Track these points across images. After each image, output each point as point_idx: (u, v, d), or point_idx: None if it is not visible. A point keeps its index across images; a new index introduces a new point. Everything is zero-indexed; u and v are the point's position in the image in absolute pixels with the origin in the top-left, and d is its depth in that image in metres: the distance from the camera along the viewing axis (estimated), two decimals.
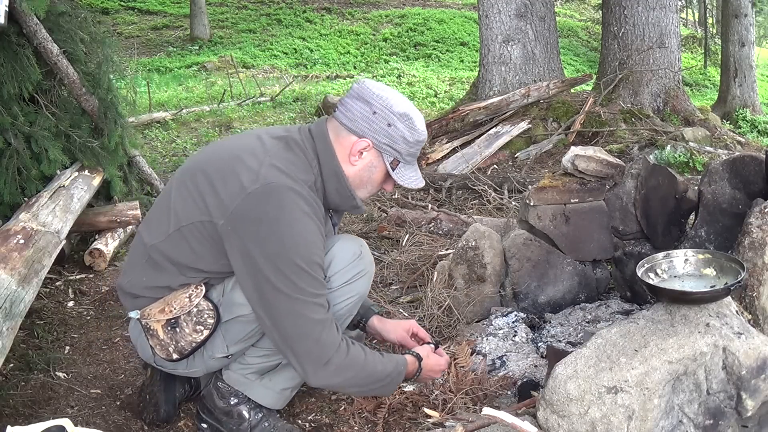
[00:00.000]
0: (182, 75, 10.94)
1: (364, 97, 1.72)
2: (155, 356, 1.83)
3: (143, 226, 1.86)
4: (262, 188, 1.61)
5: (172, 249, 1.74)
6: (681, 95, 6.53)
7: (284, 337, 1.65)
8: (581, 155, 2.53)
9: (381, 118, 1.71)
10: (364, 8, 16.16)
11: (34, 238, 2.47)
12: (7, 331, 1.97)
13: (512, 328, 2.43)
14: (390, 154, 1.76)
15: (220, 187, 1.67)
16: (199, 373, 1.90)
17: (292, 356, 1.66)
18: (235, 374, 1.89)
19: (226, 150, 1.77)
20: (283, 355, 1.71)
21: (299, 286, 1.61)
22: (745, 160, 2.29)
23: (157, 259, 1.76)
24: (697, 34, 16.88)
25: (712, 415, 1.65)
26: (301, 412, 2.09)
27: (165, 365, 1.86)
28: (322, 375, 1.67)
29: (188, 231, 1.71)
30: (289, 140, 1.75)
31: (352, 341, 1.74)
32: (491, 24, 6.42)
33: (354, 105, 1.73)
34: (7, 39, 3.08)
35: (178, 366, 1.85)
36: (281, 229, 1.60)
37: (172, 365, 1.85)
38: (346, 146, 1.74)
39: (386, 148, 1.74)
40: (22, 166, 3.08)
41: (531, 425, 1.57)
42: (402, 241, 3.51)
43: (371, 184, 1.82)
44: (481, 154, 5.54)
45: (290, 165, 1.68)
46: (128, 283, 1.84)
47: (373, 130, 1.72)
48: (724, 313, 1.71)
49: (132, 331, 1.91)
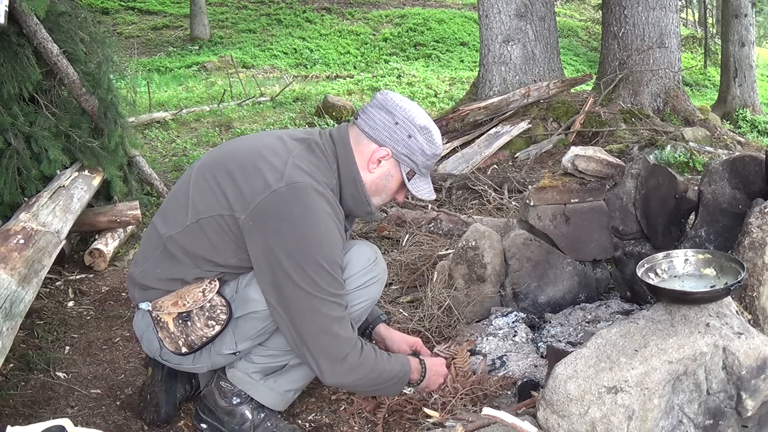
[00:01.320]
0: (182, 75, 10.93)
1: (387, 107, 1.76)
2: (162, 349, 1.83)
3: (158, 217, 1.87)
4: (287, 187, 1.64)
5: (189, 240, 1.75)
6: (681, 95, 6.53)
7: (301, 333, 1.66)
8: (581, 155, 2.53)
9: (402, 129, 1.76)
10: (364, 8, 16.16)
11: (34, 238, 2.47)
12: (7, 331, 1.98)
13: (512, 328, 2.43)
14: (407, 164, 1.80)
15: (242, 183, 1.69)
16: (204, 369, 1.90)
17: (307, 353, 1.68)
18: (239, 373, 1.89)
19: (247, 147, 1.79)
20: (298, 352, 1.71)
21: (320, 285, 1.63)
22: (745, 160, 2.29)
23: (172, 250, 1.77)
24: (697, 34, 16.89)
25: (712, 415, 1.65)
26: (301, 412, 2.09)
27: (171, 359, 1.86)
28: (339, 371, 1.69)
29: (207, 223, 1.72)
30: (311, 143, 1.78)
31: (365, 341, 1.76)
32: (491, 24, 6.42)
33: (377, 114, 1.77)
34: (7, 39, 3.08)
35: (184, 361, 1.85)
36: (305, 229, 1.63)
37: (178, 359, 1.85)
38: (365, 153, 1.78)
39: (404, 159, 1.79)
40: (22, 166, 3.08)
41: (531, 425, 1.57)
42: (402, 241, 3.51)
43: (386, 192, 1.86)
44: (481, 154, 5.54)
45: (313, 167, 1.72)
46: (140, 274, 1.84)
47: (393, 140, 1.77)
48: (724, 313, 1.71)
49: (138, 324, 1.91)
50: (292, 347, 1.73)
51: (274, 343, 1.82)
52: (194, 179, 1.79)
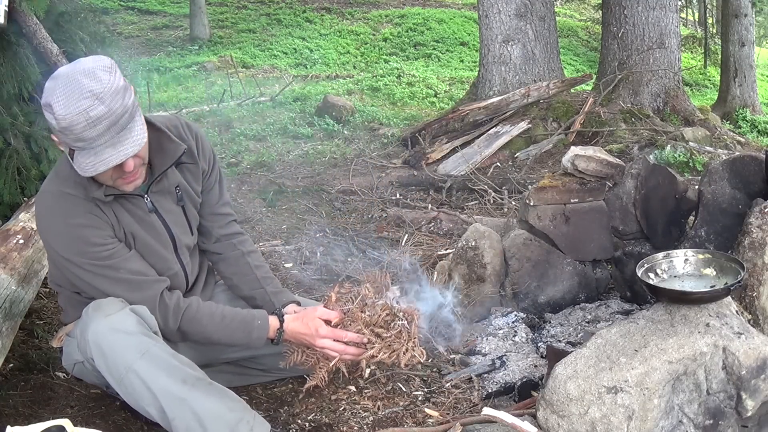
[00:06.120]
0: (182, 75, 10.92)
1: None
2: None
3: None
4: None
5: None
6: (681, 95, 6.54)
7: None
8: (581, 155, 2.53)
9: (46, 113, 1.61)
10: (364, 8, 16.15)
11: (33, 238, 2.47)
12: (7, 331, 1.98)
13: (512, 328, 2.43)
14: (65, 145, 1.64)
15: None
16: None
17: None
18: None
19: None
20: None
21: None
22: (745, 160, 2.29)
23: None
24: (697, 34, 16.87)
25: (712, 415, 1.65)
26: (301, 412, 2.09)
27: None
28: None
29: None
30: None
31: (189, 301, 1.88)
32: (491, 24, 6.42)
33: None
34: (7, 39, 3.08)
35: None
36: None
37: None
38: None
39: (62, 141, 1.63)
40: (21, 166, 3.07)
41: (531, 425, 1.57)
42: (401, 241, 3.51)
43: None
44: (481, 154, 5.54)
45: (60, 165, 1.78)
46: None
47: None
48: (724, 313, 1.71)
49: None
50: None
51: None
52: None
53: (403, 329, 1.82)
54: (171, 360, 1.67)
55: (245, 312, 1.89)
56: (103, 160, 1.59)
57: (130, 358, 1.63)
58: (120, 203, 1.79)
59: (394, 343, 1.81)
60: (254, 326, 1.86)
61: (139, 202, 1.84)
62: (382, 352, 1.81)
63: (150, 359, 1.64)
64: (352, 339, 1.84)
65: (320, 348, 1.86)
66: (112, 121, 1.56)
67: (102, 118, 1.55)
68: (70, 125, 1.54)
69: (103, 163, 1.59)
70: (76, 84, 1.55)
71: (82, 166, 1.60)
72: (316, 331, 1.85)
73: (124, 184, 1.72)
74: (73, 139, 1.57)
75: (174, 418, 1.63)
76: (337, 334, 1.84)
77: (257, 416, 1.72)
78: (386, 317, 1.84)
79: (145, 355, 1.64)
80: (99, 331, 1.65)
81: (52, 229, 1.73)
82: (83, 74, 1.57)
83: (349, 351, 1.84)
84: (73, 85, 1.55)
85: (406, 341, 1.81)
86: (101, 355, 1.65)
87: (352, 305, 1.88)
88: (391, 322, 1.84)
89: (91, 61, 1.61)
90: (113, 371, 1.65)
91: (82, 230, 1.71)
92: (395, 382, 2.22)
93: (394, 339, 1.81)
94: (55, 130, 1.59)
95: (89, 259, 1.73)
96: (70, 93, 1.55)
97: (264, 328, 1.87)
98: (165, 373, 1.64)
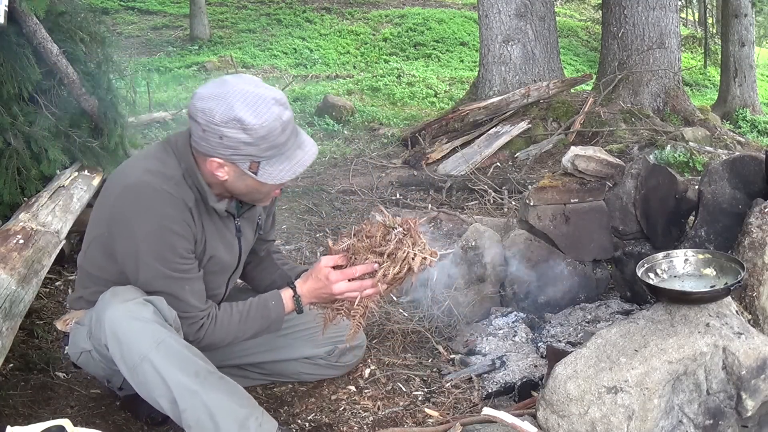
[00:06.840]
0: (182, 75, 10.92)
1: (192, 115, 1.63)
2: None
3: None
4: (123, 189, 1.69)
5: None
6: (681, 95, 6.54)
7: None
8: (581, 155, 2.53)
9: (211, 134, 1.60)
10: (364, 8, 16.15)
11: (33, 238, 2.47)
12: (7, 331, 1.98)
13: (512, 328, 2.43)
14: (242, 160, 1.63)
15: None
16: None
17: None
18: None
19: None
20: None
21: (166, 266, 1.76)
22: (745, 160, 2.29)
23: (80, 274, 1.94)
24: (697, 34, 16.86)
25: (712, 415, 1.65)
26: (301, 412, 2.09)
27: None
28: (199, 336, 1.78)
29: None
30: (166, 143, 1.77)
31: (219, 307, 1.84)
32: (491, 24, 6.42)
33: (192, 125, 1.66)
34: (7, 39, 3.07)
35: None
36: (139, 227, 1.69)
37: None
38: (204, 165, 1.69)
39: (235, 158, 1.63)
40: (21, 166, 3.07)
41: (531, 425, 1.57)
42: None
43: (256, 190, 1.73)
44: (481, 154, 5.54)
45: (158, 163, 1.72)
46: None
47: (212, 147, 1.63)
48: (724, 313, 1.71)
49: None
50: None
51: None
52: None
53: (403, 237, 1.73)
54: (185, 351, 1.65)
55: (256, 300, 1.85)
56: (299, 161, 1.64)
57: (145, 347, 1.61)
58: (212, 219, 1.77)
59: (397, 253, 1.73)
60: (270, 308, 1.84)
61: (230, 224, 1.83)
62: (392, 267, 1.72)
63: (165, 349, 1.62)
64: (362, 271, 1.76)
65: (339, 294, 1.79)
66: (293, 123, 1.63)
67: (290, 121, 1.61)
68: (269, 132, 1.58)
69: (300, 164, 1.65)
70: (252, 95, 1.57)
71: (274, 174, 1.63)
72: (327, 279, 1.79)
73: (272, 197, 1.76)
74: (266, 148, 1.60)
75: (185, 410, 1.62)
76: (347, 273, 1.77)
77: (265, 413, 1.72)
78: (384, 235, 1.75)
79: (161, 345, 1.62)
80: (116, 317, 1.63)
81: (143, 223, 1.65)
82: (250, 85, 1.60)
83: (365, 284, 1.77)
84: (252, 97, 1.57)
85: (409, 248, 1.73)
86: (116, 342, 1.63)
87: (350, 240, 1.80)
88: (387, 235, 1.75)
89: (238, 77, 1.65)
90: (127, 358, 1.63)
91: (172, 237, 1.66)
92: (395, 382, 2.23)
93: (395, 250, 1.73)
94: (247, 143, 1.58)
95: (166, 267, 1.68)
96: (253, 103, 1.57)
97: (279, 305, 1.85)
98: (179, 365, 1.63)
